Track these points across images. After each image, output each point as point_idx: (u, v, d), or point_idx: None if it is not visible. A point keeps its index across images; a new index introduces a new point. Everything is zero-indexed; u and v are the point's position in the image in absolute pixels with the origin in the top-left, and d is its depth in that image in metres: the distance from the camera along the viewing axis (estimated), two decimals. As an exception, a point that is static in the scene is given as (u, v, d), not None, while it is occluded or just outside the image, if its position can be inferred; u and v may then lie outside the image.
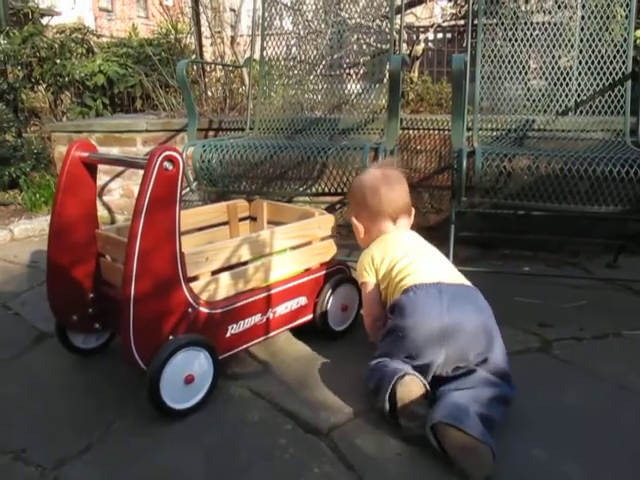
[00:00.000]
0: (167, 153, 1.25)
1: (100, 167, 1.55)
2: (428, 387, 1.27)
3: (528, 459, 1.18)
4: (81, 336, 1.59)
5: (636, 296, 2.00)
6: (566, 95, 2.28)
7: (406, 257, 1.45)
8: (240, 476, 1.15)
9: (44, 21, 4.80)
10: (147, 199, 1.23)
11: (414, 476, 1.14)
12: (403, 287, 1.38)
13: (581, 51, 2.26)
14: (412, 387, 1.24)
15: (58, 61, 4.13)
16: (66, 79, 4.11)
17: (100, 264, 1.52)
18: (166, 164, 1.24)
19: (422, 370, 1.30)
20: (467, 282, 1.41)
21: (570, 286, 2.07)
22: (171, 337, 1.32)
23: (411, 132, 2.60)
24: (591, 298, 1.97)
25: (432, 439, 1.16)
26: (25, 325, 1.85)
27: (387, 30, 2.46)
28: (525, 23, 2.31)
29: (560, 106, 2.29)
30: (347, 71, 2.65)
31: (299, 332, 1.71)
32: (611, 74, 2.21)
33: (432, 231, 1.74)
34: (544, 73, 2.32)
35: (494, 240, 2.45)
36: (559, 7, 2.30)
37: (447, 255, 1.72)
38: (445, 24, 4.07)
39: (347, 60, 2.64)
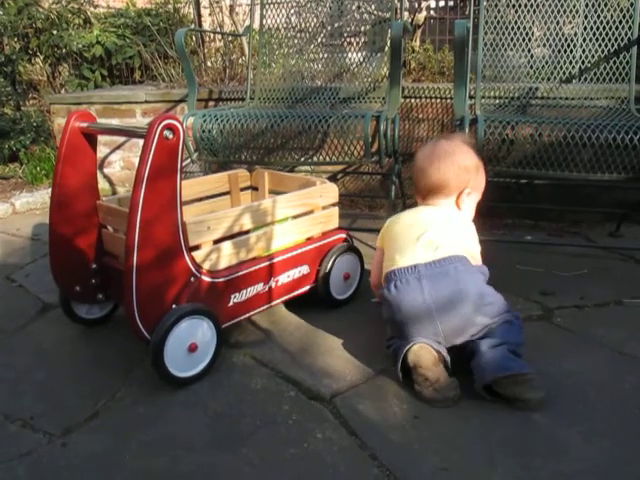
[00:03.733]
0: (167, 122, 1.24)
1: (100, 139, 1.54)
2: (444, 353, 1.29)
3: (528, 424, 1.19)
4: (85, 307, 1.60)
5: (638, 265, 2.00)
6: (570, 62, 2.25)
7: (400, 234, 1.42)
8: (244, 441, 1.17)
9: (40, -9, 4.71)
10: (148, 168, 1.23)
11: (415, 441, 1.16)
12: (386, 270, 1.40)
13: (586, 17, 2.22)
14: (421, 354, 1.27)
15: (55, 32, 4.07)
16: (63, 50, 4.05)
17: (102, 235, 1.52)
18: (166, 133, 1.23)
19: None
20: (455, 250, 1.35)
21: (572, 255, 2.08)
22: (174, 306, 1.32)
23: (413, 101, 2.57)
24: (593, 267, 1.97)
25: (485, 394, 1.26)
26: (29, 297, 1.86)
27: (388, -3, 2.42)
28: (529, -11, 2.27)
29: (564, 74, 2.26)
30: (348, 40, 2.62)
31: (301, 301, 1.72)
32: (616, 40, 2.17)
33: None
34: (548, 40, 2.28)
35: (496, 209, 2.44)
36: (564, -29, 2.25)
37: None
38: (447, -9, 3.99)
39: (348, 29, 2.60)
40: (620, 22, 2.16)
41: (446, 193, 1.43)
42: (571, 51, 2.24)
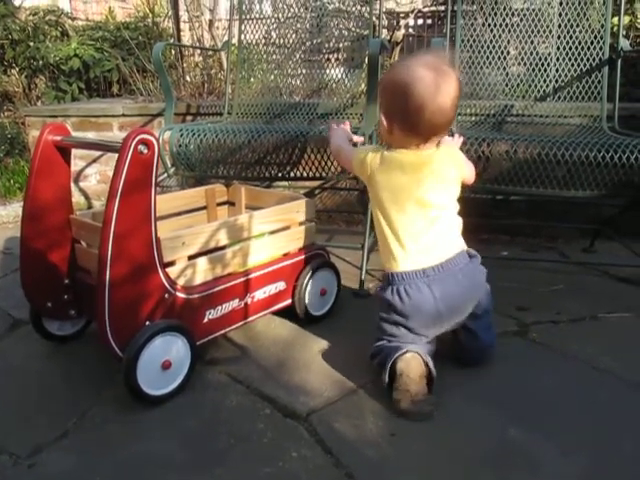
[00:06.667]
0: (142, 136, 1.22)
1: (76, 152, 1.52)
2: (431, 368, 1.30)
3: (505, 440, 1.19)
4: (56, 323, 1.57)
5: (612, 280, 2.02)
6: (544, 81, 2.29)
7: (398, 213, 1.33)
8: (219, 460, 1.15)
9: (16, 2, 4.66)
10: (122, 183, 1.21)
11: (391, 459, 1.15)
12: (391, 268, 1.36)
13: (559, 37, 2.26)
14: (412, 364, 1.27)
15: (32, 44, 4.04)
16: (40, 63, 4.02)
17: (75, 250, 1.50)
18: (141, 147, 1.22)
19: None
20: (456, 247, 1.38)
21: (547, 270, 2.09)
22: (148, 323, 1.30)
23: (390, 117, 2.58)
24: (568, 282, 1.99)
25: None
26: (-1, 312, 1.82)
27: (367, 15, 2.44)
28: (504, 9, 2.30)
29: (538, 92, 2.30)
30: (327, 56, 2.63)
31: (278, 317, 1.71)
32: (588, 60, 2.22)
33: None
34: (523, 59, 2.32)
35: (472, 225, 2.45)
36: (538, -7, 2.30)
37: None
38: (425, 10, 4.05)
39: (327, 45, 2.62)
40: (592, 43, 2.20)
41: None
42: (545, 70, 2.28)
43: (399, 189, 1.33)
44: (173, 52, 3.78)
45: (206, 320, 1.43)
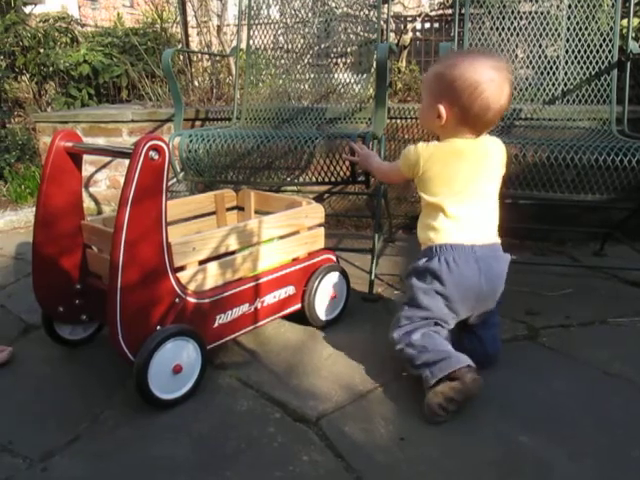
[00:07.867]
0: (153, 142, 1.23)
1: (86, 158, 1.53)
2: None
3: (515, 445, 1.19)
4: (68, 327, 1.58)
5: (622, 284, 2.01)
6: (553, 84, 2.28)
7: (453, 195, 1.36)
8: (229, 465, 1.15)
9: (27, 9, 4.71)
10: (133, 189, 1.22)
11: (401, 463, 1.15)
12: (438, 240, 1.37)
13: (568, 40, 2.26)
14: (475, 385, 1.26)
15: (42, 50, 4.08)
16: (50, 69, 4.06)
17: (86, 255, 1.51)
18: (152, 153, 1.23)
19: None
20: (495, 237, 1.43)
21: (557, 274, 2.09)
22: (159, 327, 1.31)
23: (399, 121, 2.59)
24: (578, 286, 1.98)
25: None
26: (11, 317, 1.84)
27: (374, 19, 2.45)
28: (512, 12, 2.30)
29: (547, 95, 2.29)
30: (334, 60, 2.64)
31: (288, 321, 1.71)
32: (597, 63, 2.21)
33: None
34: (531, 62, 2.32)
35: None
36: (546, -4, 2.30)
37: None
38: (433, 13, 4.05)
39: (334, 49, 2.63)
40: (601, 46, 2.20)
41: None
42: (554, 73, 2.28)
43: (454, 173, 1.36)
44: (182, 58, 3.80)
45: (216, 325, 1.44)
